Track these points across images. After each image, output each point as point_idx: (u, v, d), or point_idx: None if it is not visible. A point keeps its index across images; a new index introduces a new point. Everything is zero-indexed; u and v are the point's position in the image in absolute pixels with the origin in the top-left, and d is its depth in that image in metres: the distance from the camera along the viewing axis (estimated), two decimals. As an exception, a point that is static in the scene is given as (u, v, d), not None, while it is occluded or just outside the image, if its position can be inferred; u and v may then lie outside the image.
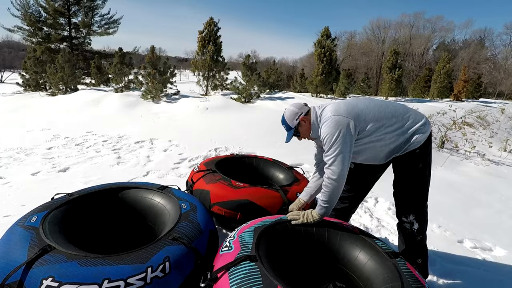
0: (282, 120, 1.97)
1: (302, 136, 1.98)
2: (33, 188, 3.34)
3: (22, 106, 8.42)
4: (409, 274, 1.47)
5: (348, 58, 38.61)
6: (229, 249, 1.52)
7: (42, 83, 10.95)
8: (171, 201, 2.04)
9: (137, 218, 2.13)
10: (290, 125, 1.91)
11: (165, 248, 1.49)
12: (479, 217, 3.55)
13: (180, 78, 37.55)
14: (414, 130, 1.79)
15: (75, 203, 1.96)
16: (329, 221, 1.87)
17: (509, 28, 36.65)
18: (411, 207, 1.92)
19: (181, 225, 1.71)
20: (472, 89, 18.77)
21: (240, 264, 1.36)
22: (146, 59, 8.55)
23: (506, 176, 5.57)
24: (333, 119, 1.72)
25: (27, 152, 4.52)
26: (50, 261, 1.31)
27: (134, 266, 1.34)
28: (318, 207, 1.78)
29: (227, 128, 6.46)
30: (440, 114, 7.88)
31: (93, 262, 1.33)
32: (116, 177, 3.71)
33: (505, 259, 2.67)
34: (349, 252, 1.71)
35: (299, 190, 2.46)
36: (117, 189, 2.19)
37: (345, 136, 1.69)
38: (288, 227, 1.78)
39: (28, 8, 14.57)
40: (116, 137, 5.57)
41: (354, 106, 1.81)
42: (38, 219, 1.64)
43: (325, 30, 11.23)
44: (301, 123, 1.90)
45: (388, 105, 1.87)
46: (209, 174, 2.55)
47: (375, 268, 1.57)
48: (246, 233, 1.64)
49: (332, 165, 1.70)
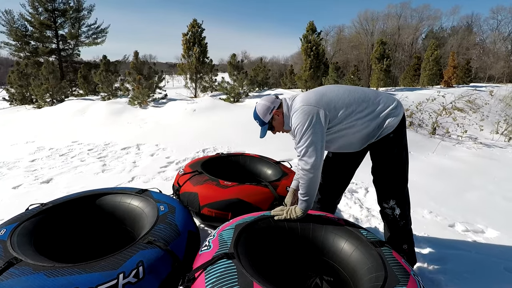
0: (254, 115, 1.89)
1: (276, 130, 1.93)
2: (13, 201, 3.24)
3: (7, 121, 8.28)
4: (394, 262, 1.42)
5: (339, 52, 38.68)
6: (207, 248, 1.49)
7: (28, 96, 10.80)
8: (149, 204, 1.98)
9: (116, 224, 2.07)
10: (264, 120, 1.85)
11: (139, 253, 1.43)
12: (471, 200, 3.50)
13: (173, 83, 37.47)
14: (386, 114, 1.74)
15: (49, 213, 1.89)
16: (313, 214, 1.83)
17: (495, 12, 36.94)
18: (391, 192, 1.89)
19: (158, 228, 1.66)
20: (462, 75, 18.83)
21: (217, 263, 1.32)
22: (131, 65, 8.45)
23: (498, 158, 5.54)
24: (302, 109, 1.68)
25: (9, 166, 4.41)
26: (16, 274, 1.25)
27: (105, 273, 1.29)
28: (299, 201, 1.74)
29: (215, 129, 6.38)
30: (430, 100, 7.85)
31: (61, 272, 1.27)
32: (100, 185, 3.62)
33: (497, 240, 2.61)
34: (335, 244, 1.67)
35: (288, 184, 2.43)
36: (94, 196, 2.12)
37: (315, 125, 1.64)
38: (271, 223, 1.74)
39: (14, 23, 14.39)
40: (102, 145, 5.47)
41: (323, 94, 1.76)
42: (7, 232, 1.59)
43: (310, 25, 11.17)
44: (275, 117, 1.85)
45: (357, 91, 1.82)
46: (196, 176, 2.49)
47: (360, 259, 1.53)
48: (226, 231, 1.60)
49: (304, 156, 1.65)
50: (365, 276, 1.44)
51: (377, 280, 1.33)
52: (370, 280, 1.38)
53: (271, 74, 17.49)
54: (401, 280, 1.30)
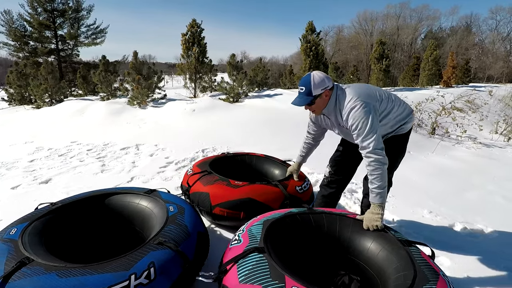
0: (305, 81, 1.79)
1: (314, 108, 1.88)
2: (12, 201, 3.23)
3: (6, 121, 8.25)
4: (422, 262, 1.43)
5: (338, 53, 38.71)
6: (238, 242, 1.52)
7: (27, 96, 10.78)
8: (158, 205, 1.98)
9: (125, 224, 2.06)
10: (312, 92, 1.77)
11: (150, 254, 1.43)
12: (471, 200, 3.50)
13: (172, 83, 37.43)
14: (407, 120, 1.95)
15: (58, 213, 1.89)
16: (339, 213, 1.86)
17: (494, 12, 37.00)
18: None
19: (168, 229, 1.65)
20: (461, 75, 18.85)
21: (248, 256, 1.36)
22: (130, 65, 8.43)
23: (497, 158, 5.54)
24: (363, 105, 1.70)
25: (7, 166, 4.39)
26: (28, 274, 1.25)
27: (117, 274, 1.28)
28: (376, 197, 1.71)
29: (215, 129, 6.37)
30: (429, 101, 7.85)
31: (73, 272, 1.27)
32: (99, 185, 3.60)
33: (496, 239, 2.61)
34: (361, 243, 1.70)
35: (297, 184, 2.47)
36: (102, 196, 2.12)
37: (374, 119, 1.71)
38: (298, 220, 1.77)
39: (13, 24, 14.37)
40: (101, 145, 5.45)
41: (368, 88, 1.86)
42: (18, 231, 1.58)
43: (309, 25, 11.17)
44: (322, 96, 1.80)
45: (388, 93, 1.97)
46: (206, 176, 2.50)
47: (387, 257, 1.55)
48: (255, 226, 1.63)
49: (376, 149, 1.68)
50: (393, 274, 1.45)
51: (406, 279, 1.33)
52: (399, 279, 1.38)
53: (271, 74, 17.51)
54: (431, 279, 1.30)
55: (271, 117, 7.14)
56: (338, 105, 1.79)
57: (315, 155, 2.53)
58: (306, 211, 1.84)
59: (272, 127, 6.36)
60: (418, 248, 1.55)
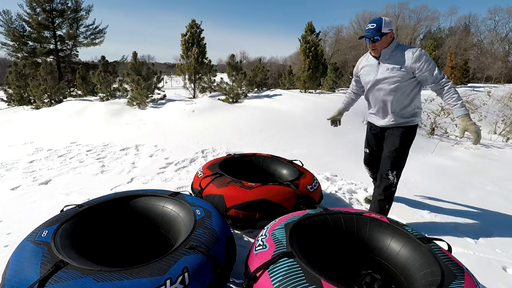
0: (377, 20, 2.18)
1: (378, 44, 2.21)
2: (12, 203, 3.22)
3: (5, 122, 8.23)
4: (446, 258, 1.44)
5: (337, 53, 38.78)
6: (263, 247, 1.50)
7: (26, 97, 10.76)
8: (184, 208, 1.95)
9: (150, 227, 2.04)
10: (381, 29, 2.15)
11: (182, 258, 1.40)
12: (471, 200, 3.51)
13: (172, 84, 37.38)
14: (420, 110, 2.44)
15: (85, 215, 1.87)
16: (356, 212, 1.86)
17: (493, 12, 37.12)
18: (396, 166, 2.41)
19: (197, 233, 1.62)
20: (460, 75, 18.89)
21: (278, 262, 1.35)
22: (129, 66, 8.43)
23: (496, 158, 5.56)
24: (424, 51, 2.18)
25: (7, 167, 4.38)
26: (64, 278, 1.23)
27: (153, 279, 1.26)
28: (461, 109, 2.06)
29: (214, 129, 6.37)
30: (428, 101, 7.87)
31: (109, 276, 1.25)
32: (98, 186, 3.61)
33: (496, 239, 2.61)
34: (381, 241, 1.71)
35: (307, 182, 2.52)
36: (127, 198, 2.10)
37: None
38: (316, 221, 1.78)
39: (11, 24, 14.36)
40: (101, 146, 5.45)
41: None
42: (49, 233, 1.56)
43: (308, 25, 11.18)
44: (388, 36, 2.19)
45: None
46: (218, 178, 2.51)
47: (410, 255, 1.56)
48: (278, 230, 1.62)
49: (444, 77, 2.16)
50: (419, 271, 1.45)
51: (433, 275, 1.34)
52: (426, 276, 1.39)
53: (270, 75, 17.55)
54: (458, 275, 1.32)
55: (270, 117, 7.15)
56: (401, 48, 2.21)
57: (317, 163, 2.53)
58: (323, 212, 1.85)
59: (272, 127, 6.37)
60: (438, 245, 1.56)
